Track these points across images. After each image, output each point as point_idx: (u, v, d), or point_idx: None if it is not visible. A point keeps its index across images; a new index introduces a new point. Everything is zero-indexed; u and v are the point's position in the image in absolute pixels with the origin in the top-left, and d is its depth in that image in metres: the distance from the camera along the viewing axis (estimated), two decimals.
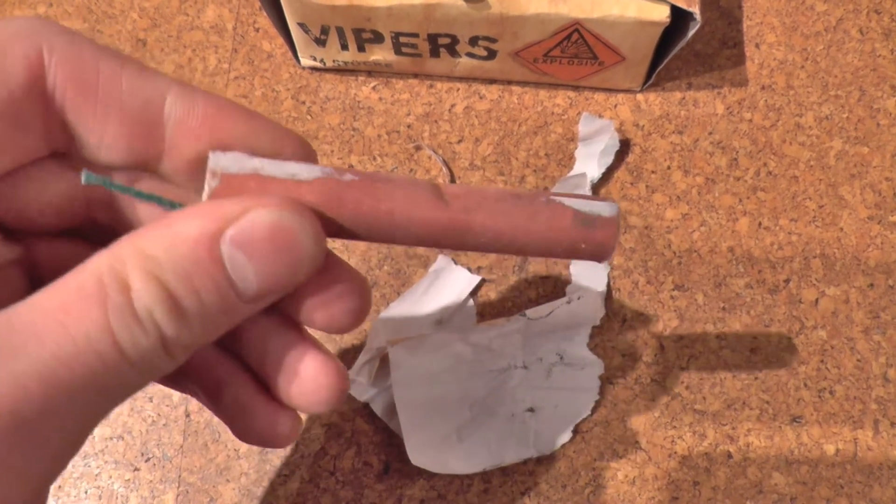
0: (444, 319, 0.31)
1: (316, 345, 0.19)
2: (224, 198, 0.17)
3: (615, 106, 0.34)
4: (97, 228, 0.20)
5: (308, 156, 0.19)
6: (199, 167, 0.18)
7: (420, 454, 0.28)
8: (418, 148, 0.34)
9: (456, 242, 0.19)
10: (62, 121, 0.17)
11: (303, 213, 0.17)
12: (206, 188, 0.17)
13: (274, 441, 0.20)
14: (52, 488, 0.27)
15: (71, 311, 0.15)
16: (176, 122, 0.17)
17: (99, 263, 0.16)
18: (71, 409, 0.15)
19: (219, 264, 0.16)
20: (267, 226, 0.16)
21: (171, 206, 0.18)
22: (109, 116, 0.17)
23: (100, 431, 0.30)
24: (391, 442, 0.30)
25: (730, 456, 0.30)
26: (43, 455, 0.15)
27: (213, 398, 0.21)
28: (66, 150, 0.18)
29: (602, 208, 0.19)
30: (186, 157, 0.18)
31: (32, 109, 0.17)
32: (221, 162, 0.17)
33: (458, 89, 0.35)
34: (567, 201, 0.19)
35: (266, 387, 0.20)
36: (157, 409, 0.30)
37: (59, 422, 0.15)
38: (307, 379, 0.19)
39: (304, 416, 0.30)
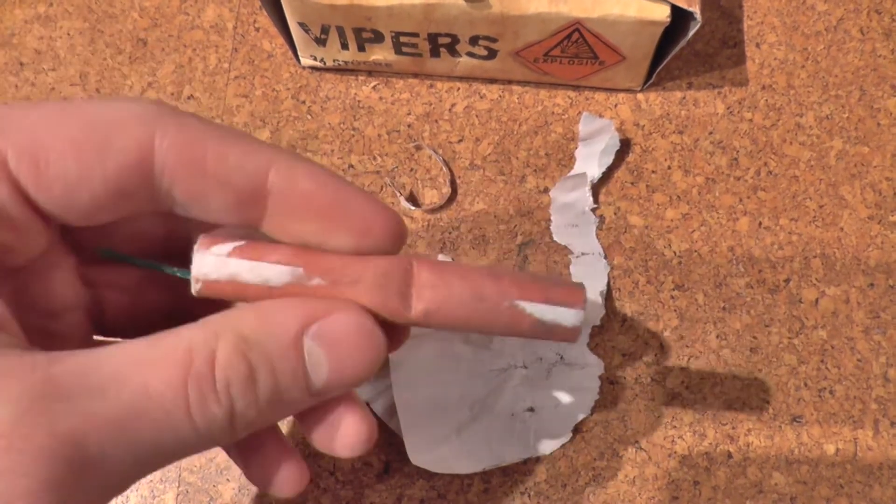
0: None
1: (354, 398, 0.21)
2: (206, 295, 0.19)
3: (615, 105, 0.34)
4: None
5: (398, 234, 0.20)
6: (304, 232, 0.19)
7: (420, 454, 0.28)
8: (418, 147, 0.34)
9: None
10: (169, 194, 0.18)
11: (377, 323, 0.19)
12: (193, 288, 0.19)
13: (284, 489, 0.22)
14: None
15: (155, 369, 0.17)
16: (277, 196, 0.19)
17: (193, 332, 0.17)
18: (129, 456, 0.16)
19: (300, 354, 0.18)
20: (347, 328, 0.18)
21: (174, 272, 0.20)
22: (215, 191, 0.18)
23: None
24: (391, 442, 0.30)
25: (730, 455, 0.30)
26: (95, 488, 0.16)
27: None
28: (169, 211, 0.19)
29: (565, 317, 0.20)
30: (284, 225, 0.19)
31: (138, 183, 0.18)
32: (202, 269, 0.19)
33: (459, 89, 0.35)
34: (529, 307, 0.19)
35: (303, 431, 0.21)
36: None
37: (116, 463, 0.16)
38: (347, 434, 0.20)
39: None
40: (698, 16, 0.29)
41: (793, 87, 0.35)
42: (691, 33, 0.30)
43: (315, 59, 0.34)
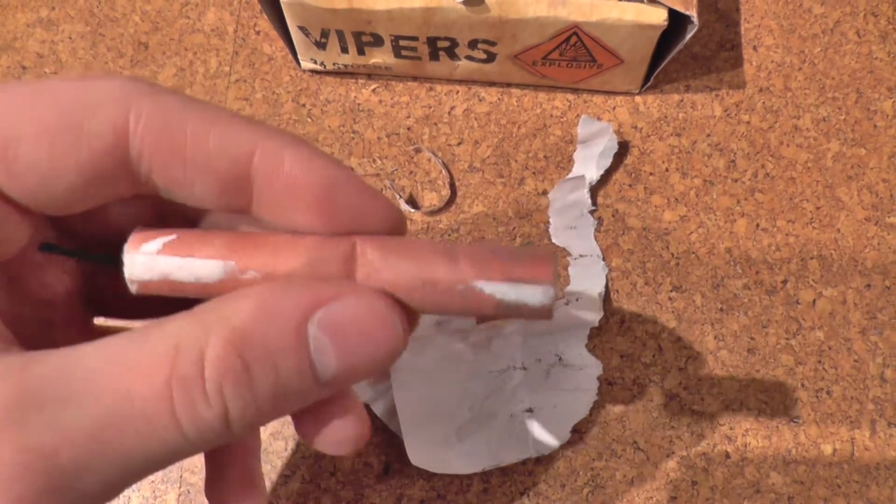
0: (444, 321, 0.31)
1: (347, 392, 0.19)
2: (145, 294, 0.17)
3: (614, 108, 0.35)
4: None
5: (395, 227, 0.18)
6: (292, 220, 0.18)
7: (420, 454, 0.28)
8: (418, 150, 0.34)
9: None
10: (148, 177, 0.17)
11: (392, 306, 0.17)
12: (130, 289, 0.18)
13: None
14: None
15: (137, 372, 0.15)
16: (262, 182, 0.17)
17: (180, 327, 0.15)
18: (111, 467, 0.15)
19: (304, 345, 0.16)
20: (355, 312, 0.16)
21: (109, 261, 0.18)
22: (196, 177, 0.17)
23: None
24: (391, 442, 0.30)
25: (728, 456, 0.30)
26: (74, 501, 0.15)
27: None
28: (152, 195, 0.18)
29: (531, 296, 0.17)
30: (274, 212, 0.18)
31: (115, 168, 0.17)
32: (133, 271, 0.17)
33: (458, 92, 0.35)
34: (489, 288, 0.17)
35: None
36: None
37: (96, 475, 0.15)
38: (337, 431, 0.19)
39: None
40: (695, 19, 0.29)
41: (790, 90, 0.35)
42: (688, 36, 0.30)
43: (315, 62, 0.34)
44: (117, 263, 0.18)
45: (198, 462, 0.30)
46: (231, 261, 0.17)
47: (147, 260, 0.17)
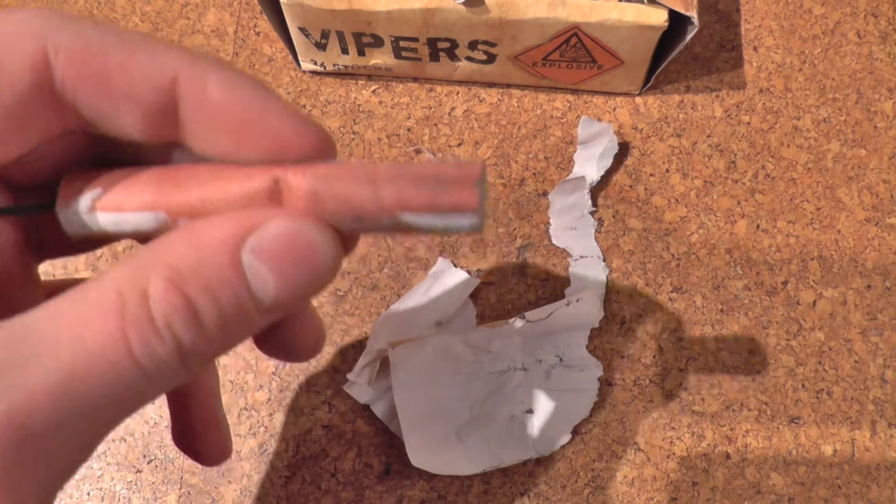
0: (444, 322, 0.31)
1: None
2: (87, 245, 0.17)
3: (614, 109, 0.35)
4: None
5: (320, 149, 0.18)
6: (219, 147, 0.17)
7: (420, 455, 0.28)
8: (418, 151, 0.34)
9: None
10: (75, 111, 0.17)
11: (323, 226, 0.17)
12: (74, 240, 0.18)
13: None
14: None
15: (88, 322, 0.15)
16: (186, 108, 0.17)
17: (119, 274, 0.15)
18: (81, 421, 0.15)
19: (239, 273, 0.16)
20: (286, 235, 0.16)
21: (23, 211, 0.18)
22: (123, 106, 0.17)
23: None
24: (392, 443, 0.30)
25: (728, 457, 0.30)
26: (50, 467, 0.15)
27: None
28: (83, 130, 0.18)
29: (458, 223, 0.17)
30: (202, 141, 0.18)
31: (41, 106, 0.16)
32: (70, 229, 0.17)
33: (458, 93, 0.35)
34: (415, 220, 0.17)
35: None
36: (158, 411, 0.31)
37: (68, 433, 0.15)
38: (291, 339, 0.19)
39: (304, 419, 0.30)
40: (696, 20, 0.29)
41: (790, 91, 0.35)
42: (689, 37, 0.30)
43: (315, 63, 0.34)
44: (53, 209, 0.18)
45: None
46: (161, 210, 0.17)
47: (81, 218, 0.17)
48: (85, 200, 0.17)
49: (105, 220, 0.17)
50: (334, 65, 0.34)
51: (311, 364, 0.31)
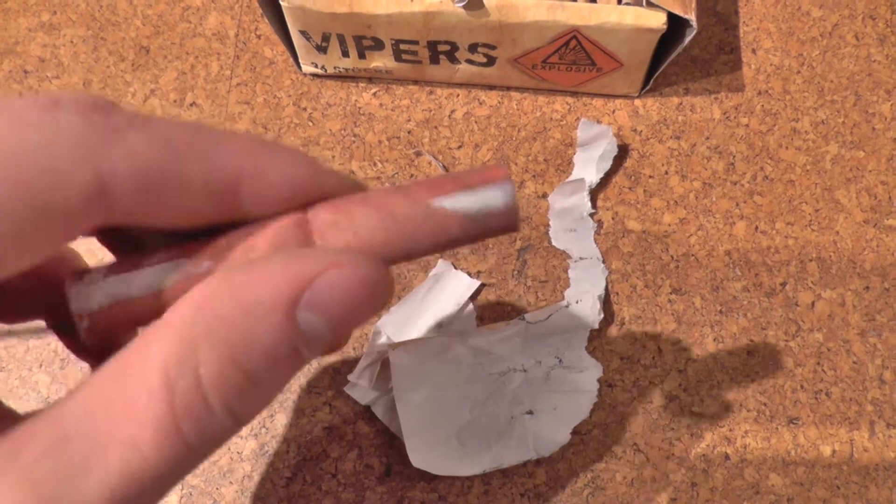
0: (445, 323, 0.31)
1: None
2: (101, 331, 0.16)
3: (613, 111, 0.35)
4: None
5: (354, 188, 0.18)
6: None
7: (421, 456, 0.28)
8: (418, 154, 0.34)
9: None
10: (117, 217, 0.16)
11: (373, 261, 0.16)
12: (80, 329, 0.16)
13: None
14: None
15: (137, 415, 0.14)
16: (248, 200, 0.16)
17: (163, 349, 0.14)
18: None
19: (297, 331, 0.15)
20: (345, 284, 0.15)
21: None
22: (177, 216, 0.16)
23: None
24: (392, 444, 0.30)
25: (727, 457, 0.30)
26: None
27: None
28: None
29: (494, 197, 0.16)
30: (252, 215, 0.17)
31: (86, 227, 0.15)
32: (82, 305, 0.16)
33: (458, 95, 0.35)
34: (449, 203, 0.16)
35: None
36: None
37: None
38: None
39: (305, 420, 0.30)
40: (694, 23, 0.30)
41: (788, 93, 0.35)
42: (688, 40, 0.30)
43: (316, 66, 0.34)
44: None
45: (199, 465, 0.30)
46: (182, 258, 0.16)
47: (94, 288, 0.16)
48: (98, 271, 0.16)
49: (120, 282, 0.16)
50: (335, 67, 0.34)
51: (312, 365, 0.31)
